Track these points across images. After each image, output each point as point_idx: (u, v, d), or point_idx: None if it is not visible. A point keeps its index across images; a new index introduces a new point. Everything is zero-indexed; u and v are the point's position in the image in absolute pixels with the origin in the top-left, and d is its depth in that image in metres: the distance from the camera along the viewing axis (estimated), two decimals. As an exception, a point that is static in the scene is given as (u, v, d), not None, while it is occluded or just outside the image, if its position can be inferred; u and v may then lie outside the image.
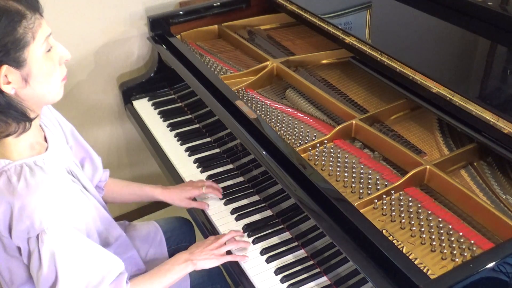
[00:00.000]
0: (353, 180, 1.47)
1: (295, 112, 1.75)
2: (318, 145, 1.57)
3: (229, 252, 1.44)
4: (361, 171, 1.48)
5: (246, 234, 1.50)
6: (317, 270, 1.38)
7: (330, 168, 1.51)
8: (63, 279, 1.13)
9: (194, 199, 1.66)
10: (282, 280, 1.36)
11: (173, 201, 1.64)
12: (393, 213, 1.36)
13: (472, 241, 1.25)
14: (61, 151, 1.30)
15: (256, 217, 1.56)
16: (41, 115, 1.25)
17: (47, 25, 1.12)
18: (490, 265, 1.09)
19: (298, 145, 1.59)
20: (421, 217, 1.34)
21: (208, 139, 1.91)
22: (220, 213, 1.60)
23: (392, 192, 1.39)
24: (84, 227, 1.23)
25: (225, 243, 1.43)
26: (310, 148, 1.57)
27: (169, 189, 1.65)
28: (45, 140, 1.26)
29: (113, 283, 1.21)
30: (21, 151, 1.16)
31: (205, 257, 1.38)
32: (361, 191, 1.43)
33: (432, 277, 1.10)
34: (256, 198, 1.63)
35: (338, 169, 1.50)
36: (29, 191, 1.10)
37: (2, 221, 1.12)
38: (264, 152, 1.49)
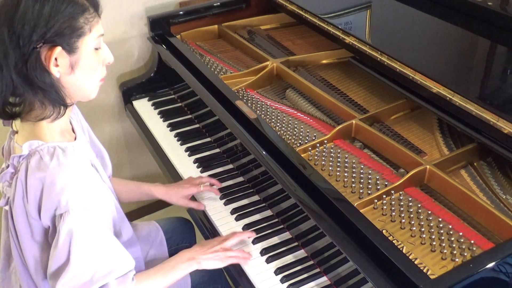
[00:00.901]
0: (353, 180, 1.47)
1: (295, 112, 1.75)
2: (318, 145, 1.57)
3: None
4: (361, 171, 1.48)
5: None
6: (317, 270, 1.38)
7: (330, 168, 1.51)
8: (74, 262, 1.15)
9: (193, 197, 1.66)
10: (282, 280, 1.36)
11: (171, 199, 1.64)
12: (393, 213, 1.36)
13: (472, 241, 1.25)
14: (85, 144, 1.33)
15: (256, 217, 1.56)
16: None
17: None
18: (490, 265, 1.09)
19: (298, 145, 1.59)
20: (421, 217, 1.34)
21: (208, 139, 1.91)
22: (220, 213, 1.60)
23: (392, 192, 1.39)
24: (105, 215, 1.24)
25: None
26: (310, 148, 1.57)
27: (167, 187, 1.65)
28: (73, 131, 1.31)
29: (120, 278, 1.22)
30: (53, 135, 1.20)
31: (209, 256, 1.38)
32: (361, 191, 1.43)
33: (432, 277, 1.10)
34: (256, 198, 1.63)
35: (338, 169, 1.50)
36: (61, 169, 1.14)
37: (33, 199, 1.14)
38: (264, 152, 1.49)
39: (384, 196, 1.39)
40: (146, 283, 1.29)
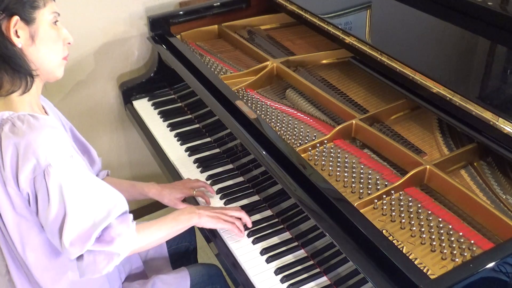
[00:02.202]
0: (353, 180, 1.47)
1: (295, 112, 1.75)
2: (318, 145, 1.57)
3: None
4: (361, 171, 1.48)
5: (246, 234, 1.50)
6: (317, 270, 1.38)
7: (330, 168, 1.51)
8: (71, 212, 1.17)
9: (185, 199, 1.66)
10: (282, 280, 1.36)
11: (163, 200, 1.64)
12: (393, 213, 1.36)
13: (472, 241, 1.25)
14: (60, 126, 1.35)
15: (256, 217, 1.56)
16: (42, 101, 1.35)
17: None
18: (490, 265, 1.09)
19: (298, 145, 1.59)
20: (421, 217, 1.34)
21: (208, 139, 1.91)
22: (220, 213, 1.60)
23: (392, 192, 1.39)
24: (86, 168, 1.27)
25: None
26: (310, 148, 1.57)
27: (161, 187, 1.65)
28: (46, 113, 1.35)
29: (119, 218, 1.25)
30: (24, 106, 1.25)
31: (210, 214, 1.44)
32: (361, 191, 1.43)
33: (432, 277, 1.10)
34: (256, 198, 1.63)
35: (338, 169, 1.50)
36: (33, 130, 1.17)
37: (9, 165, 1.17)
38: (264, 152, 1.49)
39: (384, 196, 1.39)
40: (147, 230, 1.33)
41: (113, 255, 1.23)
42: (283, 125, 1.69)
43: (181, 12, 2.17)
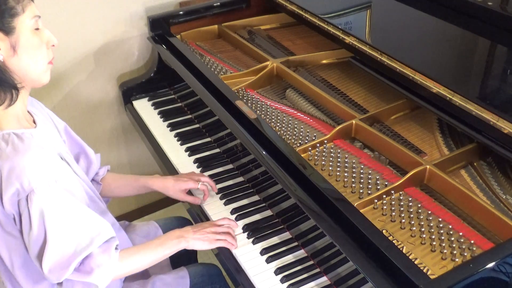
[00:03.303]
0: (353, 180, 1.47)
1: (295, 112, 1.75)
2: (318, 145, 1.57)
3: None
4: (361, 171, 1.48)
5: (246, 234, 1.50)
6: (317, 270, 1.38)
7: (330, 168, 1.51)
8: (52, 239, 1.15)
9: (190, 192, 1.65)
10: (282, 280, 1.36)
11: (167, 191, 1.62)
12: (393, 213, 1.36)
13: (472, 241, 1.25)
14: (51, 137, 1.33)
15: (256, 217, 1.56)
16: (30, 104, 1.31)
17: (38, 10, 1.21)
18: (490, 265, 1.09)
19: (298, 145, 1.59)
20: (421, 217, 1.34)
21: (208, 139, 1.91)
22: (220, 213, 1.60)
23: (392, 192, 1.39)
24: (75, 195, 1.24)
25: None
26: (310, 148, 1.57)
27: (164, 179, 1.63)
28: (34, 123, 1.30)
29: (102, 246, 1.22)
30: (8, 122, 1.21)
31: (199, 237, 1.40)
32: (361, 191, 1.43)
33: (432, 277, 1.10)
34: (256, 198, 1.63)
35: (338, 169, 1.50)
36: (17, 154, 1.14)
37: None
38: (264, 152, 1.49)
39: (384, 196, 1.39)
40: (132, 257, 1.30)
41: (91, 285, 1.21)
42: (283, 125, 1.69)
43: (181, 12, 2.17)
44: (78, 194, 1.27)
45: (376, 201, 1.38)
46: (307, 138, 1.62)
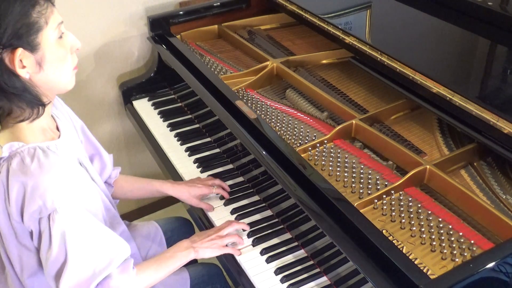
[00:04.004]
0: (353, 180, 1.47)
1: (295, 112, 1.75)
2: (318, 145, 1.57)
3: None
4: (361, 171, 1.48)
5: (246, 234, 1.50)
6: (317, 270, 1.38)
7: (330, 168, 1.51)
8: (72, 260, 1.14)
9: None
10: (282, 280, 1.36)
11: (182, 197, 1.62)
12: (393, 213, 1.36)
13: (472, 241, 1.25)
14: (73, 142, 1.33)
15: (256, 217, 1.56)
16: (53, 105, 1.29)
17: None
18: (490, 265, 1.09)
19: (298, 145, 1.59)
20: (421, 217, 1.34)
21: (208, 139, 1.91)
22: (220, 213, 1.60)
23: (392, 192, 1.39)
24: (94, 211, 1.24)
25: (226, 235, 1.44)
26: (310, 148, 1.57)
27: (178, 185, 1.63)
28: (57, 129, 1.29)
29: (120, 267, 1.22)
30: (34, 135, 1.19)
31: (206, 245, 1.40)
32: (361, 191, 1.43)
33: (432, 277, 1.10)
34: (256, 198, 1.63)
35: (338, 169, 1.50)
36: (42, 171, 1.12)
37: (14, 202, 1.13)
38: (264, 152, 1.49)
39: (384, 196, 1.39)
40: (146, 272, 1.30)
41: None
42: (283, 125, 1.69)
43: (181, 12, 2.17)
44: (96, 207, 1.27)
45: (376, 201, 1.38)
46: (307, 138, 1.62)
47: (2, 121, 1.20)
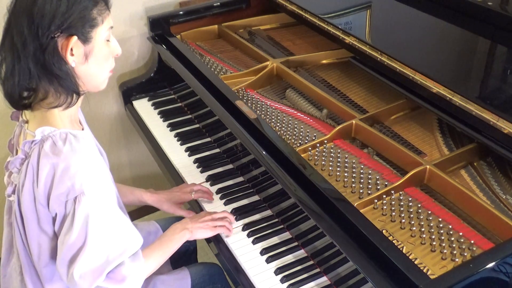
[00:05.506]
0: (353, 180, 1.47)
1: (295, 112, 1.75)
2: (318, 145, 1.57)
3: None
4: (361, 171, 1.48)
5: (246, 233, 1.50)
6: (317, 270, 1.38)
7: (330, 168, 1.51)
8: (90, 245, 1.16)
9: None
10: (282, 280, 1.36)
11: (161, 206, 1.67)
12: (393, 213, 1.36)
13: (472, 241, 1.25)
14: (91, 136, 1.38)
15: (256, 217, 1.56)
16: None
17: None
18: (490, 265, 1.09)
19: (298, 145, 1.59)
20: (421, 217, 1.34)
21: (208, 139, 1.91)
22: (220, 213, 1.60)
23: (392, 192, 1.39)
24: (112, 199, 1.27)
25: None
26: (310, 148, 1.57)
27: (158, 194, 1.67)
28: (81, 124, 1.36)
29: (132, 256, 1.26)
30: (65, 123, 1.25)
31: (200, 226, 1.46)
32: (361, 191, 1.43)
33: (432, 277, 1.10)
34: (256, 198, 1.63)
35: (338, 169, 1.50)
36: (74, 153, 1.17)
37: (43, 184, 1.16)
38: (264, 152, 1.49)
39: (384, 196, 1.39)
40: (152, 258, 1.35)
41: None
42: (283, 125, 1.69)
43: (181, 12, 2.17)
44: (114, 196, 1.29)
45: (376, 201, 1.38)
46: (307, 138, 1.62)
47: (34, 107, 1.25)
